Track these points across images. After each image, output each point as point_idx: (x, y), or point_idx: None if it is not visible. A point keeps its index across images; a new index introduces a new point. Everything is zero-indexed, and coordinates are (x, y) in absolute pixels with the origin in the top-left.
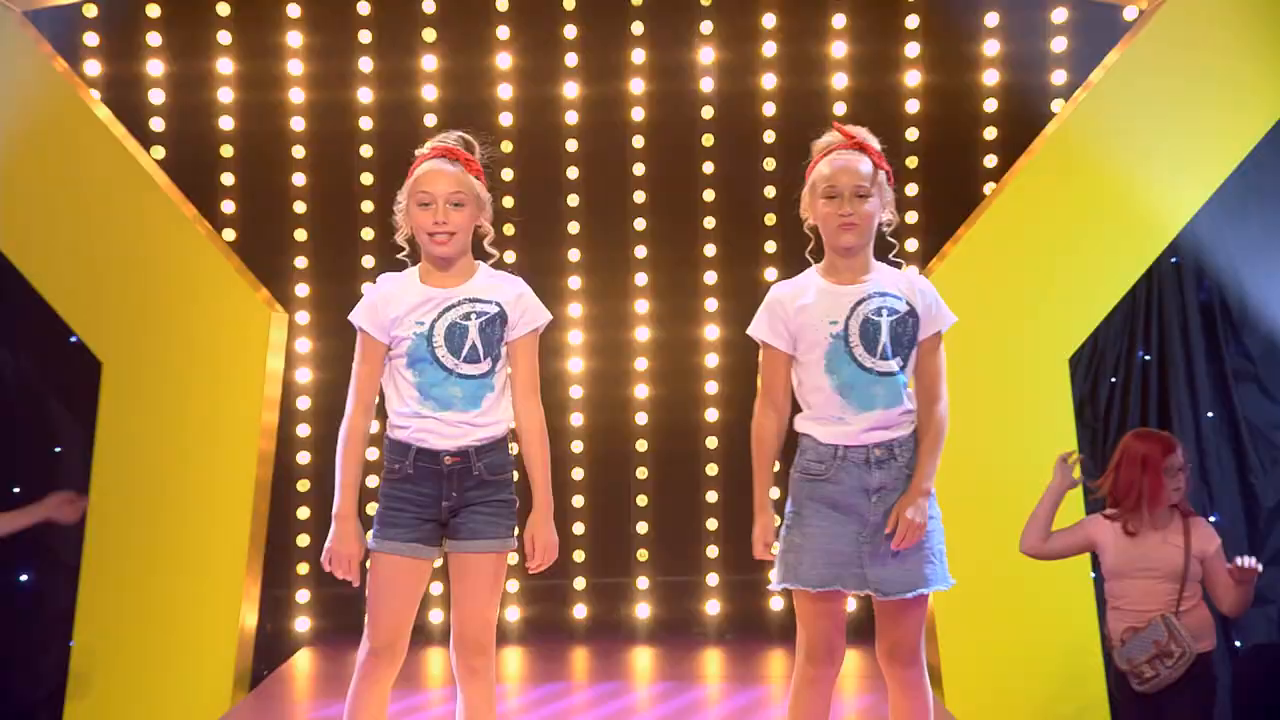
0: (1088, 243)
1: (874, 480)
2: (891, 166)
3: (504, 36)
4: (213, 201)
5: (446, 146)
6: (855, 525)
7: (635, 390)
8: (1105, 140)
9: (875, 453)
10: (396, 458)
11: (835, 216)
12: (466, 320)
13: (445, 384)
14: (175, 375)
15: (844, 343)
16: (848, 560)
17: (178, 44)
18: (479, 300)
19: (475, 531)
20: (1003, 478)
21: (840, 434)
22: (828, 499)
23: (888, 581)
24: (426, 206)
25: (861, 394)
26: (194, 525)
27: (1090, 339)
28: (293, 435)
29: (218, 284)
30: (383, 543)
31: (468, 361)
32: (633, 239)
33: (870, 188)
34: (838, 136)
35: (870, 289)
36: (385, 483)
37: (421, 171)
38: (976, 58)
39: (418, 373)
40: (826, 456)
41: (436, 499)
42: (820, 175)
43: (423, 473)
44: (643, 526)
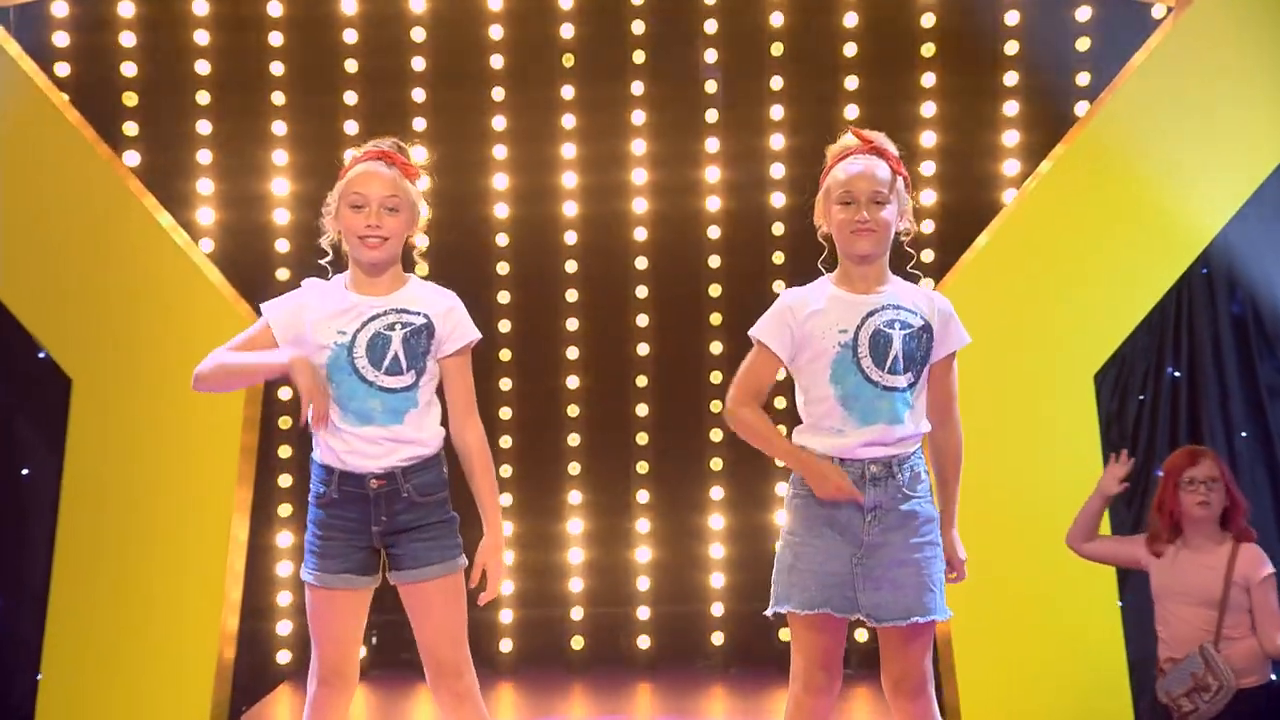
0: (1114, 253)
1: (870, 499)
2: (907, 173)
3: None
4: (190, 210)
5: (382, 150)
6: (849, 546)
7: (636, 409)
8: (1132, 145)
9: (872, 469)
10: (321, 483)
11: (851, 223)
12: (390, 330)
13: (364, 397)
14: (150, 393)
15: (852, 353)
16: (840, 582)
17: (152, 45)
18: (406, 310)
19: (419, 558)
20: (1025, 501)
21: (837, 447)
22: (823, 517)
23: (881, 607)
24: (359, 209)
25: (865, 407)
26: (169, 552)
27: (1117, 354)
28: (274, 456)
29: (195, 297)
30: (314, 574)
31: (388, 373)
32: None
33: (888, 194)
34: (853, 140)
35: (885, 300)
36: (311, 509)
37: (355, 173)
38: (996, 58)
39: (336, 385)
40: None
41: (365, 524)
42: (835, 181)
43: (348, 497)
44: (644, 554)
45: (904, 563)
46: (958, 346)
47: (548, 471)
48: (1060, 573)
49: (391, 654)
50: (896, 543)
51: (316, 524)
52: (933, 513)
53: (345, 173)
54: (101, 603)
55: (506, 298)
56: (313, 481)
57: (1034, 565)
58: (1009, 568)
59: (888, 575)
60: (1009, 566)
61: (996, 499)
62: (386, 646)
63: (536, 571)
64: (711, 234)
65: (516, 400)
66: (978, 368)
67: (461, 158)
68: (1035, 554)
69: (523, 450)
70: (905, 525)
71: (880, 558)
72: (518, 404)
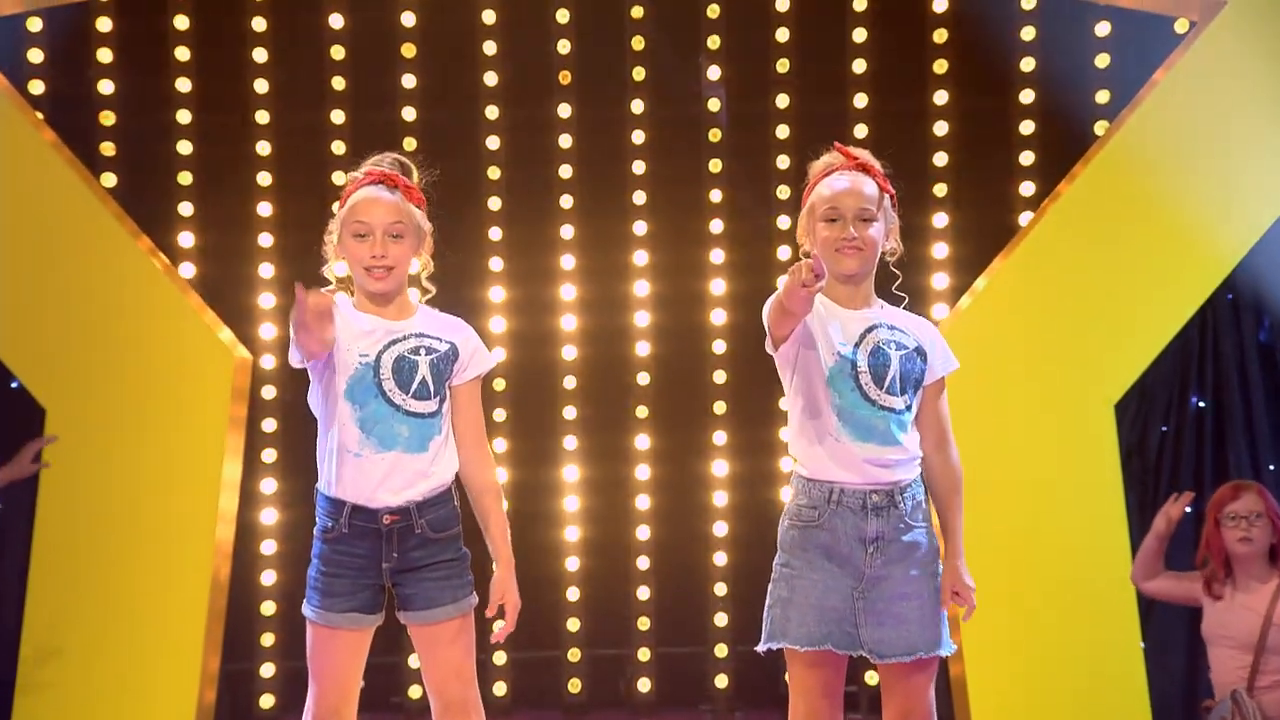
0: (1135, 277)
1: (871, 529)
2: (917, 194)
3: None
4: (170, 233)
5: (383, 171)
6: (850, 579)
7: (636, 440)
8: (1154, 165)
9: (873, 498)
10: (329, 517)
11: (836, 241)
12: (415, 355)
13: (391, 421)
14: (127, 424)
15: (850, 367)
16: (840, 617)
17: (131, 61)
18: (427, 336)
19: (430, 599)
20: (1043, 536)
21: (834, 467)
22: (821, 548)
23: (884, 643)
24: (363, 238)
25: (859, 424)
26: (147, 592)
27: (1138, 383)
28: (257, 492)
29: (175, 324)
30: (318, 611)
31: (417, 398)
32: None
33: (875, 211)
34: (838, 157)
35: (878, 318)
36: (317, 543)
37: (357, 199)
38: (1012, 75)
39: (359, 406)
40: (820, 500)
41: (375, 561)
42: (820, 197)
43: (359, 532)
44: (644, 592)
45: (907, 596)
46: (946, 372)
47: (543, 509)
48: (1081, 610)
49: (381, 697)
50: (898, 575)
51: (322, 559)
52: (935, 544)
53: (346, 198)
54: (75, 646)
55: (502, 324)
56: (319, 515)
57: (1052, 602)
58: (1026, 605)
59: (891, 609)
60: (1026, 603)
61: (1013, 534)
62: (376, 689)
63: (531, 611)
64: (714, 258)
65: (510, 431)
66: (992, 398)
67: (453, 179)
68: (1053, 591)
69: (518, 483)
70: (907, 557)
71: (882, 591)
72: (511, 437)
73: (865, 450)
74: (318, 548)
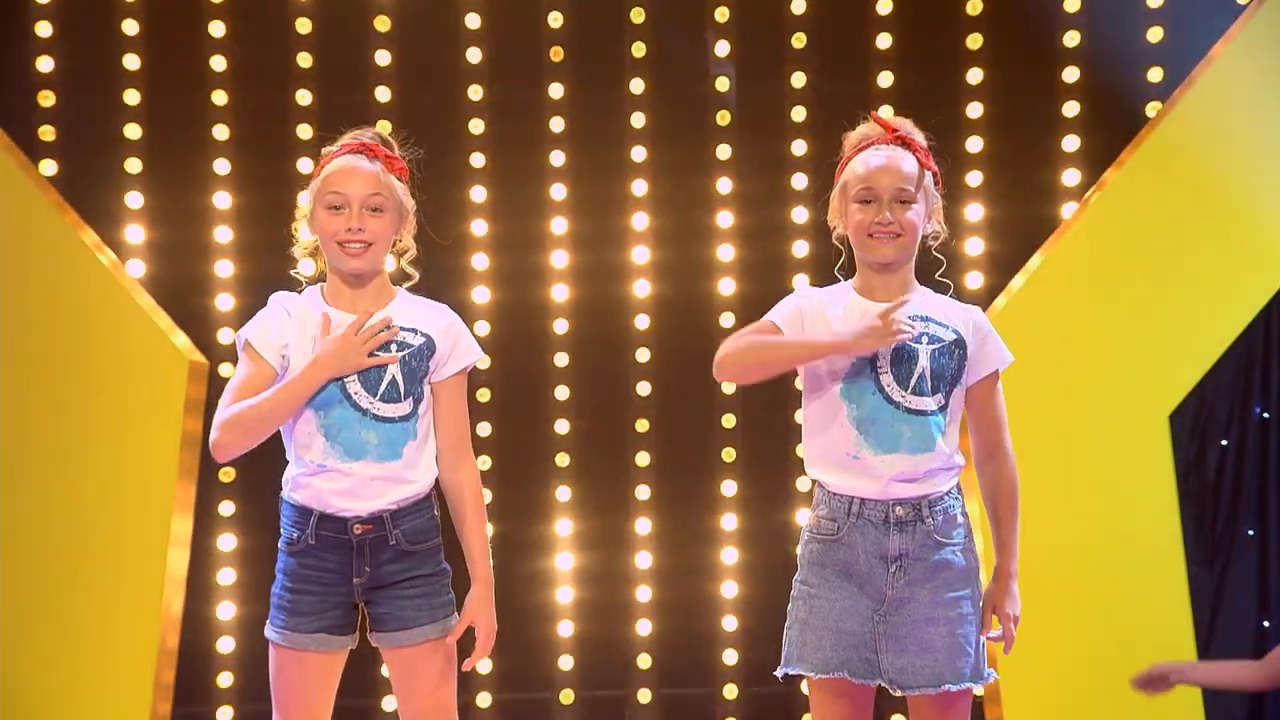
0: (1190, 275)
1: (894, 545)
2: (949, 183)
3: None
4: (117, 227)
5: (362, 142)
6: (870, 600)
7: (636, 459)
8: (1211, 150)
9: (897, 511)
10: (295, 526)
11: (871, 225)
12: (384, 351)
13: (358, 428)
14: (69, 441)
15: (871, 368)
16: (859, 642)
17: (73, 35)
18: (401, 328)
19: (406, 619)
20: (1090, 559)
21: (857, 482)
22: (840, 565)
23: (906, 673)
24: (338, 210)
25: (884, 432)
26: (90, 629)
27: (1195, 392)
28: (214, 513)
29: (123, 328)
30: (284, 633)
31: (385, 400)
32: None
33: (914, 192)
34: (875, 129)
35: (910, 310)
36: (281, 557)
37: (332, 169)
38: (1054, 51)
39: (324, 414)
40: (840, 513)
41: (346, 574)
42: (854, 175)
43: (327, 543)
44: (645, 626)
45: (933, 621)
46: (999, 366)
47: (535, 534)
48: (1133, 641)
49: None
50: (924, 599)
51: (287, 574)
52: (971, 564)
53: (320, 169)
54: (9, 692)
55: (485, 328)
56: (284, 524)
57: (1100, 634)
58: (1073, 634)
59: (914, 635)
60: (1073, 633)
61: (1058, 557)
62: None
63: (519, 647)
64: (723, 254)
65: (498, 447)
66: (1033, 408)
67: (434, 165)
68: (1102, 622)
69: (507, 502)
70: (935, 578)
71: (905, 615)
72: (499, 452)
73: (891, 463)
74: (283, 561)
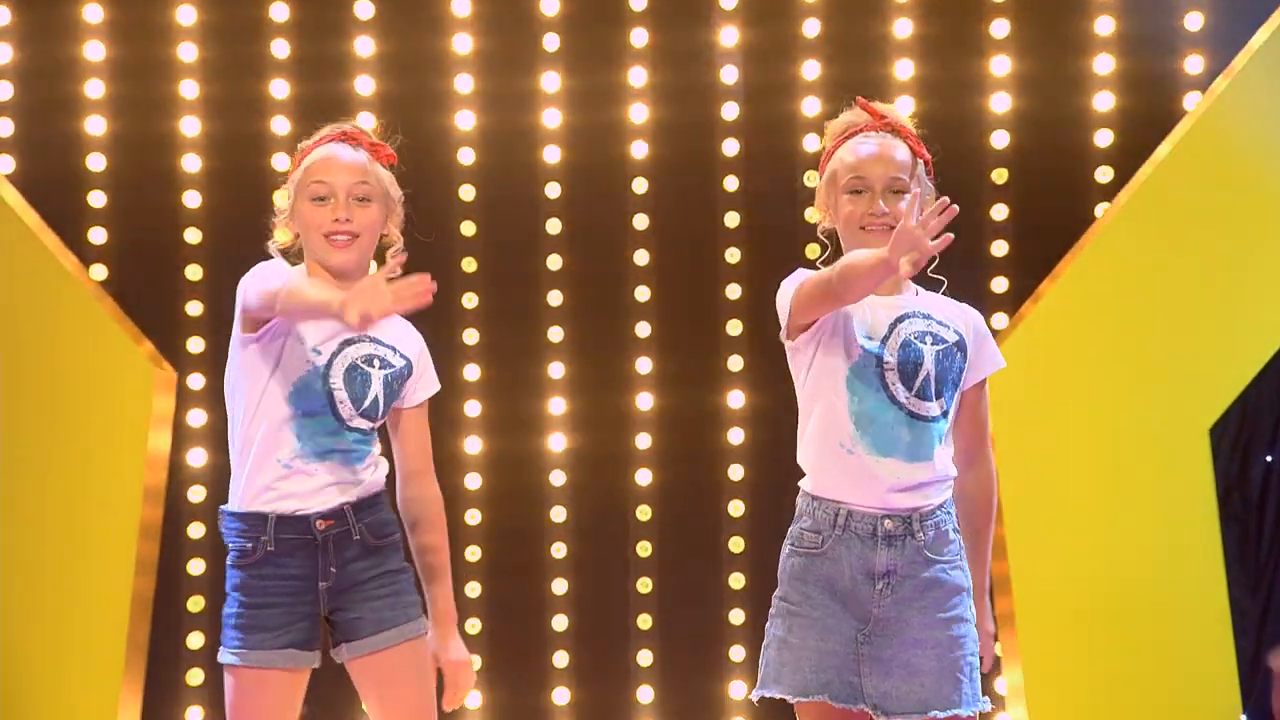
0: (1231, 279)
1: (881, 562)
2: (972, 181)
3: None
4: (79, 228)
5: (344, 130)
6: (854, 619)
7: (636, 477)
8: (1254, 145)
9: (886, 525)
10: (246, 537)
11: (864, 216)
12: (369, 366)
13: (334, 435)
14: (27, 457)
15: (877, 364)
16: (840, 664)
17: (31, 23)
18: (382, 344)
19: (382, 620)
20: (1125, 581)
21: (846, 484)
22: (823, 581)
23: (890, 697)
24: (322, 201)
25: (881, 432)
26: (50, 659)
27: (1237, 404)
28: (182, 536)
29: (85, 335)
30: (245, 653)
31: (364, 416)
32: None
33: (908, 180)
34: (861, 115)
35: (911, 305)
36: (233, 574)
37: (315, 159)
38: (1085, 39)
39: (302, 413)
40: (825, 524)
41: (311, 580)
42: (843, 164)
43: (287, 546)
44: (646, 657)
45: (921, 643)
46: (991, 370)
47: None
48: (1172, 670)
49: None
50: (912, 619)
51: (243, 591)
52: (963, 583)
53: (300, 160)
54: None
55: (474, 337)
56: (232, 539)
57: (1138, 659)
58: (1108, 663)
59: (899, 658)
60: (1108, 661)
61: (1091, 581)
62: None
63: (510, 689)
64: (730, 257)
65: (486, 467)
66: (1062, 422)
67: (419, 162)
68: (1139, 646)
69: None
70: (924, 597)
71: (890, 636)
72: (487, 472)
73: (885, 467)
74: (235, 578)
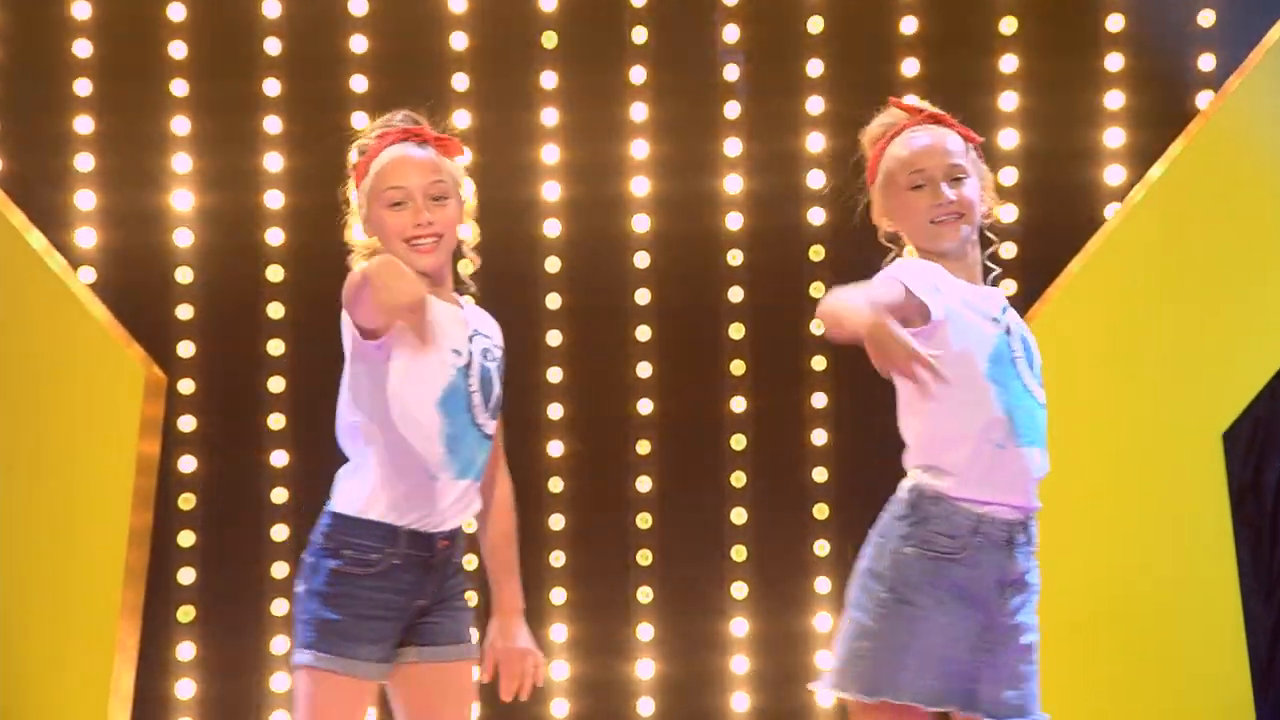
0: (1246, 280)
1: (1013, 569)
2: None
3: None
4: (67, 229)
5: (406, 128)
6: (979, 626)
7: (637, 484)
8: (1268, 144)
9: (1017, 526)
10: (375, 546)
11: (930, 210)
12: (486, 360)
13: (475, 445)
14: (13, 463)
15: (1008, 348)
16: (963, 673)
17: (18, 19)
18: (482, 334)
19: (456, 634)
20: (1134, 592)
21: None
22: (955, 587)
23: (1002, 705)
24: (400, 206)
25: (1025, 422)
26: (36, 672)
27: (1252, 407)
28: (171, 546)
29: (74, 339)
30: (333, 659)
31: (491, 417)
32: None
33: (967, 166)
34: (898, 114)
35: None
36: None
37: (384, 163)
38: (1096, 36)
39: (450, 420)
40: (963, 529)
41: (414, 597)
42: (898, 163)
43: (410, 563)
44: (646, 668)
45: (1027, 649)
46: None
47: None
48: (1183, 681)
49: None
50: (1025, 624)
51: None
52: (1039, 582)
53: (367, 166)
54: None
55: None
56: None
57: (1148, 669)
58: (1117, 673)
59: (1010, 665)
60: (1117, 672)
61: (1100, 590)
62: None
63: None
64: (732, 259)
65: None
66: (1071, 427)
67: None
68: (1149, 656)
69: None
70: (1029, 603)
71: (1008, 642)
72: None
73: (1034, 458)
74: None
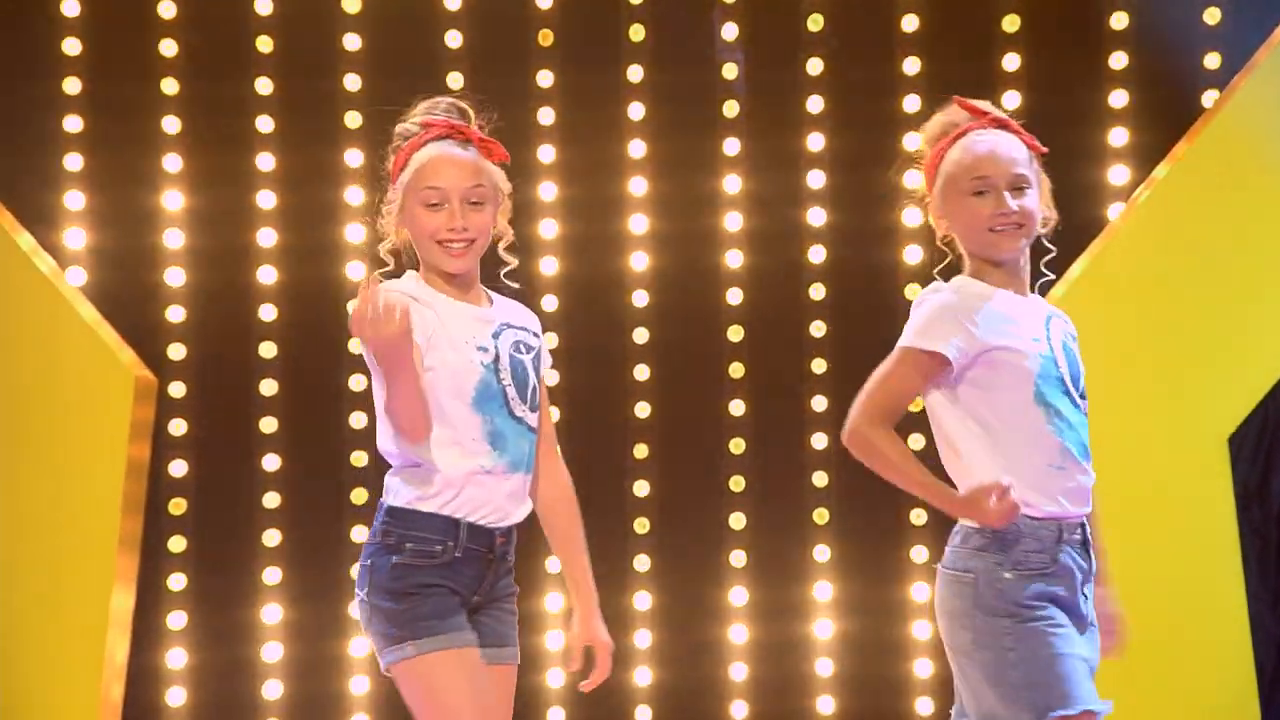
0: (1251, 282)
1: (1087, 569)
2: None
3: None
4: (56, 230)
5: (451, 124)
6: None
7: (635, 489)
8: (1273, 144)
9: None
10: (436, 539)
11: (991, 218)
12: (519, 353)
13: (519, 439)
14: (3, 463)
15: (1055, 365)
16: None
17: (6, 14)
18: (513, 326)
19: (503, 636)
20: (1139, 597)
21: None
22: (1057, 598)
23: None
24: (436, 208)
25: (1076, 437)
26: (25, 678)
27: (1258, 411)
28: (162, 551)
29: (63, 341)
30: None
31: (531, 409)
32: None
33: (1029, 176)
34: (960, 114)
35: (1048, 306)
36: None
37: (425, 160)
38: (1100, 34)
39: (488, 419)
40: (1049, 541)
41: (472, 591)
42: (959, 165)
43: (471, 557)
44: (644, 675)
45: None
46: None
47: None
48: (1188, 688)
49: None
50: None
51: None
52: None
53: (408, 157)
54: None
55: None
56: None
57: (1153, 676)
58: (1121, 679)
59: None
60: (1121, 678)
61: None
62: None
63: None
64: (731, 261)
65: None
66: None
67: None
68: (1154, 663)
69: None
70: (1090, 596)
71: (1090, 636)
72: None
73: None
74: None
